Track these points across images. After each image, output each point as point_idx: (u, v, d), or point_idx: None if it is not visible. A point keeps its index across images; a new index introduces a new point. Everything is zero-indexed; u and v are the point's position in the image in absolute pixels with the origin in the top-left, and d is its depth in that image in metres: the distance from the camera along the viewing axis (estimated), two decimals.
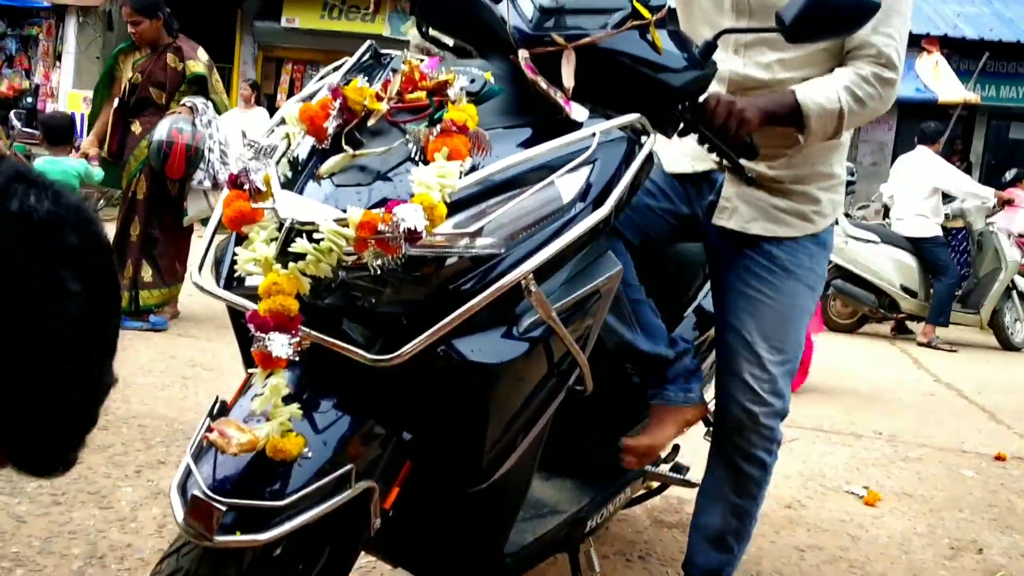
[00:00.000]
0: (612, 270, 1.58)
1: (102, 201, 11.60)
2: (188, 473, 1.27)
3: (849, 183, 10.37)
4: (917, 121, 8.56)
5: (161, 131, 4.95)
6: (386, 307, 1.37)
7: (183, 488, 1.28)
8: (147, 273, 5.27)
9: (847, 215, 8.27)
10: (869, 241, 7.58)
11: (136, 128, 5.21)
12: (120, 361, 1.21)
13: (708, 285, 2.27)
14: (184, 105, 5.09)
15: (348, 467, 1.32)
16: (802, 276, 1.95)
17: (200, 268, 1.47)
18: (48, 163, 5.15)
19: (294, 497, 1.26)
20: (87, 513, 2.58)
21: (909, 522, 3.18)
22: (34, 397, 0.77)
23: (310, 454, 1.31)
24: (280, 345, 1.27)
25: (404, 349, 1.30)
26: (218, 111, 5.31)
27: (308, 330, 1.32)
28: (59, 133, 5.33)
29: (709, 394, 2.69)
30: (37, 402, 0.77)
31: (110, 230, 6.71)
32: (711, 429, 2.80)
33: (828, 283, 7.98)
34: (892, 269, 7.42)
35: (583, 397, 2.18)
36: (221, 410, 1.40)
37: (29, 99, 12.29)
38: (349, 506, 1.38)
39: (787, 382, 1.96)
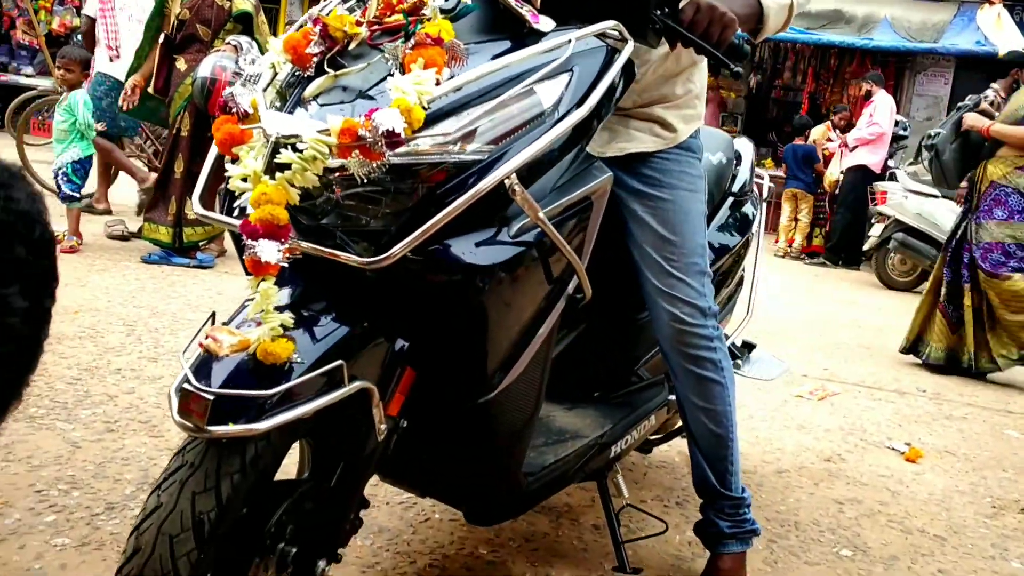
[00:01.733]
0: (601, 176, 1.64)
1: (148, 140, 11.73)
2: (183, 378, 1.31)
3: (901, 137, 10.12)
4: (974, 74, 8.29)
5: (205, 68, 4.95)
6: (376, 221, 1.40)
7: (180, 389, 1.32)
8: (190, 211, 5.33)
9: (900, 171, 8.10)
10: (929, 195, 7.41)
11: (181, 65, 5.24)
12: (169, 296, 1.24)
13: None
14: (228, 43, 5.10)
15: (338, 362, 1.35)
16: (676, 181, 1.97)
17: (199, 195, 1.52)
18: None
19: (282, 387, 1.29)
20: (138, 441, 2.65)
21: (951, 479, 3.16)
22: None
23: (300, 359, 1.34)
24: (269, 251, 1.32)
25: (392, 250, 1.34)
26: (262, 51, 5.31)
27: (298, 239, 1.37)
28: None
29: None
30: None
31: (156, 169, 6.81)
32: (737, 361, 2.83)
33: (888, 238, 7.85)
34: (953, 223, 7.26)
35: (602, 327, 2.21)
36: (214, 321, 1.44)
37: (79, 37, 12.38)
38: (351, 410, 1.42)
39: (701, 281, 1.97)
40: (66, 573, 1.88)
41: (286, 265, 1.35)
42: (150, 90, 5.38)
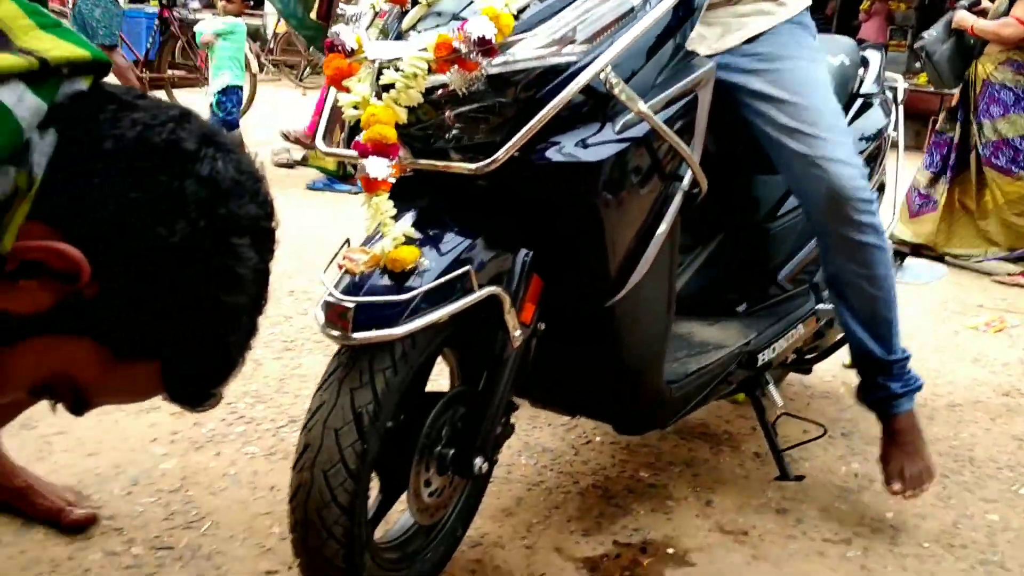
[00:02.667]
0: (703, 68, 1.67)
1: (308, 68, 12.09)
2: (327, 293, 1.40)
3: None
4: None
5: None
6: (483, 134, 1.46)
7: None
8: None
9: None
10: None
11: None
12: (334, 221, 1.34)
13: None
14: None
15: (465, 268, 1.41)
16: (795, 52, 1.95)
17: (322, 134, 1.63)
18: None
19: (417, 292, 1.37)
20: (314, 359, 2.81)
21: None
22: (201, 350, 0.83)
23: (428, 264, 1.42)
24: (379, 168, 1.40)
25: (499, 153, 1.40)
26: None
27: (409, 158, 1.46)
28: None
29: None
30: (202, 353, 0.84)
31: (314, 97, 7.03)
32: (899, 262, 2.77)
33: None
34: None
35: (738, 239, 2.21)
36: (349, 244, 1.52)
37: None
38: (486, 318, 1.49)
39: (848, 141, 1.95)
40: (257, 479, 2.04)
41: (393, 181, 1.42)
42: (312, 16, 5.53)
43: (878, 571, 1.88)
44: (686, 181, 1.69)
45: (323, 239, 4.43)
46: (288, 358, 2.81)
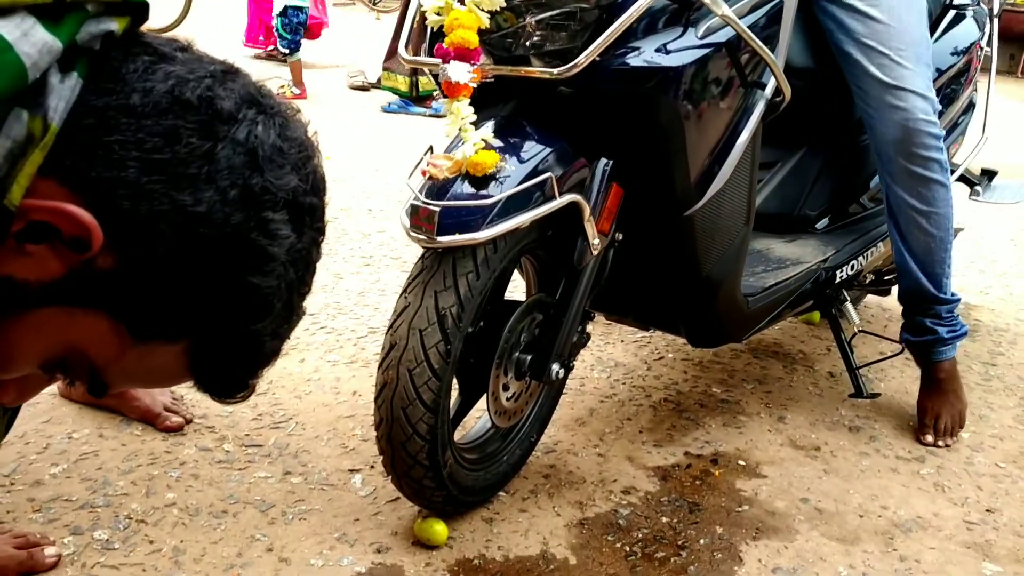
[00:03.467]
0: None
1: None
2: (412, 198, 1.43)
3: None
4: None
5: None
6: (565, 41, 1.45)
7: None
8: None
9: None
10: None
11: None
12: (408, 143, 1.37)
13: None
14: None
15: (547, 175, 1.43)
16: None
17: (404, 43, 1.60)
18: None
19: (499, 197, 1.38)
20: (392, 275, 2.87)
21: None
22: (227, 335, 0.73)
23: (509, 170, 1.43)
24: (460, 72, 1.40)
25: (580, 58, 1.40)
26: None
27: (488, 61, 1.47)
28: None
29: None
30: (229, 340, 0.74)
31: (391, 20, 7.01)
32: (975, 188, 2.71)
33: None
34: None
35: (821, 152, 2.20)
36: (432, 151, 1.54)
37: None
38: (566, 226, 1.51)
39: (927, 74, 1.91)
40: (340, 384, 2.12)
41: (474, 86, 1.42)
42: None
43: (952, 489, 1.88)
44: (769, 89, 1.67)
45: (398, 160, 4.47)
46: (367, 273, 2.88)
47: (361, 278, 2.83)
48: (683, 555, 1.59)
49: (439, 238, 1.38)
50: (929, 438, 2.05)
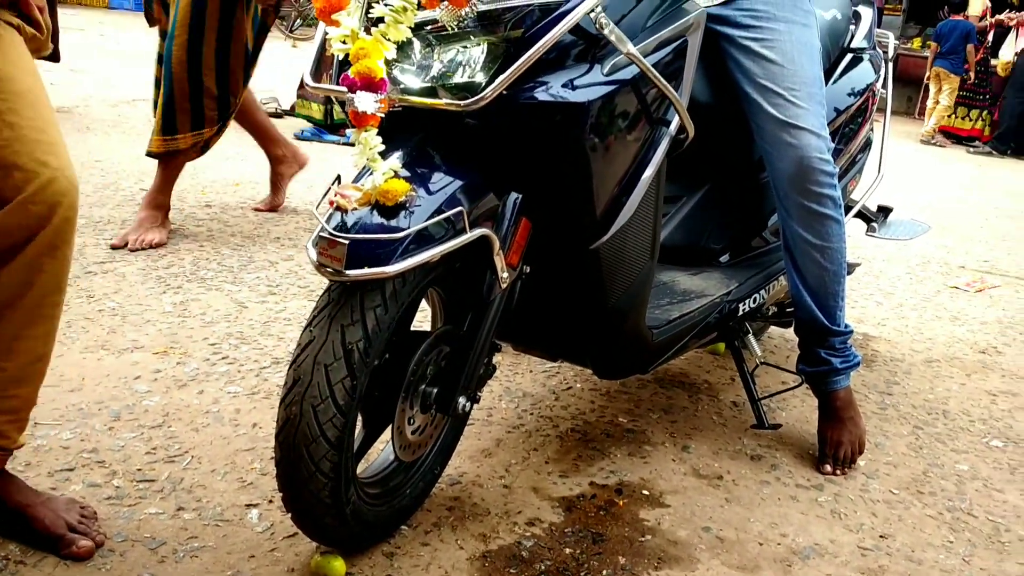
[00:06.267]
0: (693, 12, 1.70)
1: (299, 20, 11.93)
2: (319, 229, 1.40)
3: None
4: None
5: None
6: (472, 71, 1.46)
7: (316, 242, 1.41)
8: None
9: None
10: None
11: None
12: (321, 171, 1.34)
13: None
14: None
15: (458, 209, 1.43)
16: (788, 14, 1.98)
17: (311, 70, 1.59)
18: None
19: (410, 230, 1.37)
20: (298, 304, 2.82)
21: None
22: None
23: (419, 201, 1.42)
24: (367, 102, 1.39)
25: (487, 91, 1.40)
26: None
27: (398, 93, 1.46)
28: None
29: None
30: None
31: (309, 48, 6.95)
32: (872, 224, 2.83)
33: None
34: None
35: (724, 189, 2.24)
36: (340, 181, 1.52)
37: None
38: (474, 260, 1.51)
39: (821, 113, 1.98)
40: (240, 416, 2.06)
41: (382, 116, 1.41)
42: None
43: (848, 515, 1.92)
44: (673, 126, 1.70)
45: (309, 187, 4.41)
46: (272, 302, 2.82)
47: (266, 307, 2.76)
48: None
49: (348, 271, 1.35)
50: (828, 467, 2.09)
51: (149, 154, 3.29)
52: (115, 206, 3.72)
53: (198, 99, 3.16)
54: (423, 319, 1.96)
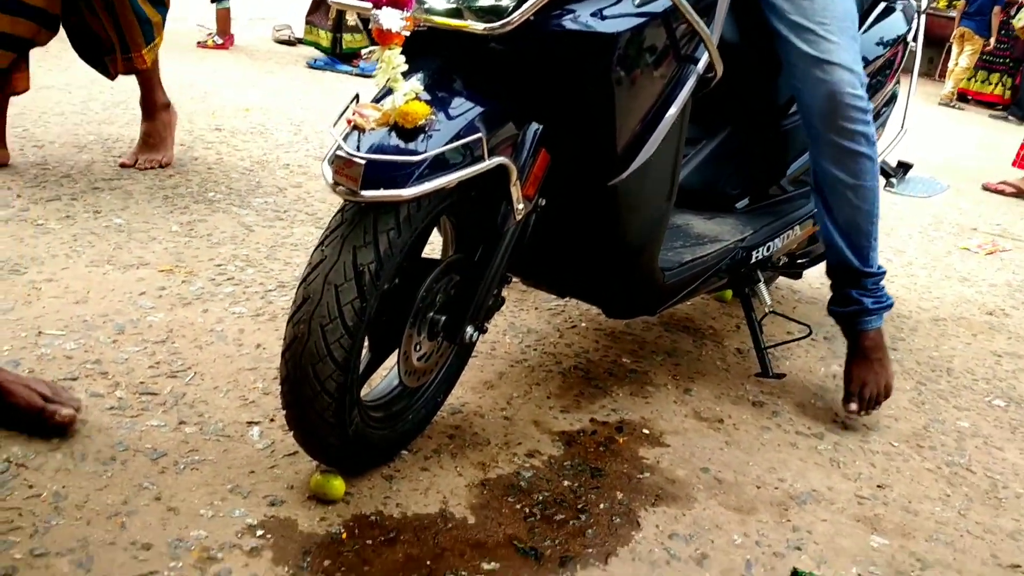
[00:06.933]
0: None
1: None
2: (336, 148, 1.37)
3: None
4: None
5: None
6: None
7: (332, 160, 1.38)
8: (351, 16, 5.36)
9: None
10: None
11: None
12: (333, 101, 1.33)
13: None
14: None
15: (478, 135, 1.39)
16: None
17: None
18: None
19: (427, 154, 1.34)
20: (305, 230, 2.80)
21: None
22: None
23: (439, 125, 1.38)
24: (392, 19, 1.35)
25: (514, 15, 1.37)
26: None
27: (420, 10, 1.43)
28: None
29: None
30: None
31: None
32: (890, 179, 2.79)
33: None
34: None
35: (745, 133, 2.20)
36: (358, 100, 1.49)
37: None
38: (490, 188, 1.48)
39: (855, 48, 1.93)
40: (244, 336, 2.05)
41: (407, 35, 1.37)
42: None
43: (847, 464, 1.92)
44: (702, 64, 1.66)
45: (321, 116, 4.37)
46: (279, 227, 2.80)
47: (273, 231, 2.75)
48: (582, 518, 1.59)
49: (363, 192, 1.32)
50: (853, 406, 2.07)
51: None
52: (124, 124, 3.69)
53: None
54: (434, 249, 1.95)
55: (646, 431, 1.93)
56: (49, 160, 3.10)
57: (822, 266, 2.78)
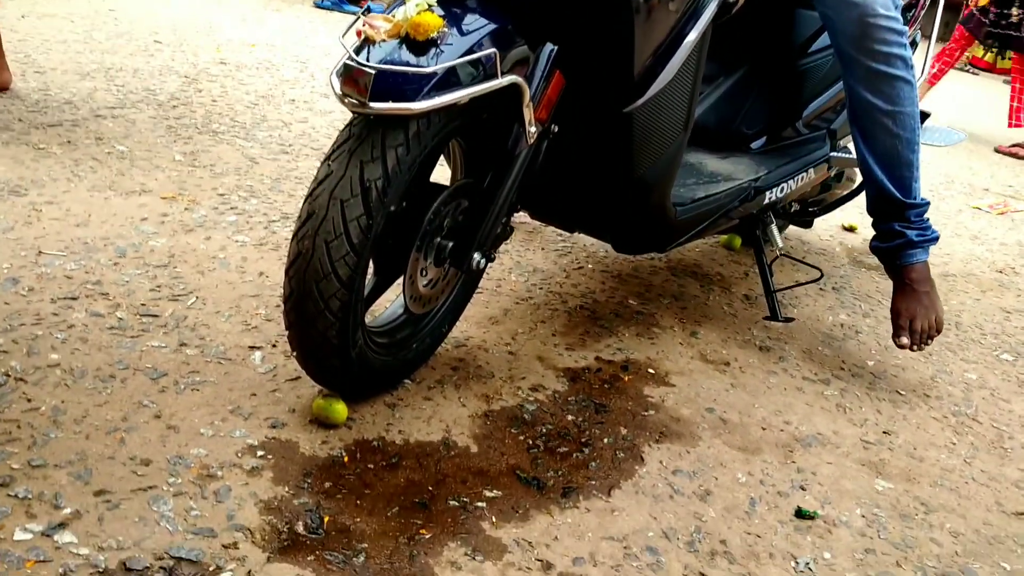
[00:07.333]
0: None
1: None
2: (345, 58, 1.32)
3: None
4: None
5: None
6: None
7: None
8: None
9: None
10: None
11: None
12: (339, 40, 1.31)
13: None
14: None
15: (491, 51, 1.34)
16: None
17: None
18: None
19: (439, 67, 1.30)
20: (310, 164, 2.76)
21: None
22: None
23: (451, 40, 1.34)
24: None
25: None
26: None
27: None
28: None
29: None
30: None
31: None
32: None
33: None
34: None
35: (763, 72, 2.12)
36: (369, 10, 1.45)
37: None
38: (502, 109, 1.44)
39: None
40: (246, 264, 2.02)
41: None
42: None
43: (853, 410, 1.91)
44: None
45: (327, 56, 4.30)
46: (284, 160, 2.76)
47: (278, 164, 2.71)
48: (585, 452, 1.58)
49: (372, 104, 1.28)
50: (904, 340, 2.02)
51: None
52: (128, 55, 3.62)
53: None
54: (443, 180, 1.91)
55: (651, 371, 1.91)
56: (51, 86, 3.05)
57: (832, 218, 2.75)
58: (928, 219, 2.06)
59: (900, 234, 2.03)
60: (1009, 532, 1.59)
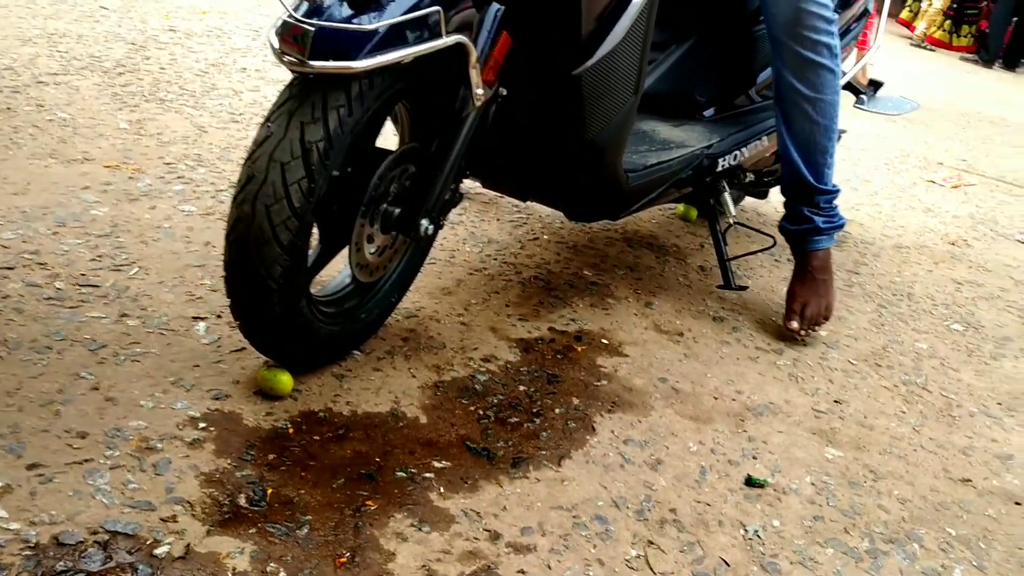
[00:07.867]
0: None
1: None
2: (284, 15, 1.28)
3: None
4: None
5: None
6: None
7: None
8: None
9: None
10: None
11: None
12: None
13: None
14: None
15: (435, 8, 1.31)
16: None
17: None
18: None
19: (381, 23, 1.26)
20: None
21: None
22: None
23: None
24: None
25: None
26: None
27: None
28: None
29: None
30: None
31: None
32: (861, 96, 2.75)
33: None
34: None
35: (714, 40, 2.15)
36: None
37: None
38: (449, 71, 1.41)
39: None
40: (192, 234, 1.97)
41: None
42: None
43: (805, 380, 1.91)
44: None
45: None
46: (234, 129, 2.69)
47: (227, 133, 2.64)
48: (537, 422, 1.56)
49: (311, 62, 1.24)
50: (794, 324, 2.05)
51: None
52: (72, 20, 3.51)
53: None
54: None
55: (605, 341, 1.90)
56: None
57: None
58: (837, 207, 2.11)
59: (808, 219, 2.08)
60: (955, 498, 1.60)
